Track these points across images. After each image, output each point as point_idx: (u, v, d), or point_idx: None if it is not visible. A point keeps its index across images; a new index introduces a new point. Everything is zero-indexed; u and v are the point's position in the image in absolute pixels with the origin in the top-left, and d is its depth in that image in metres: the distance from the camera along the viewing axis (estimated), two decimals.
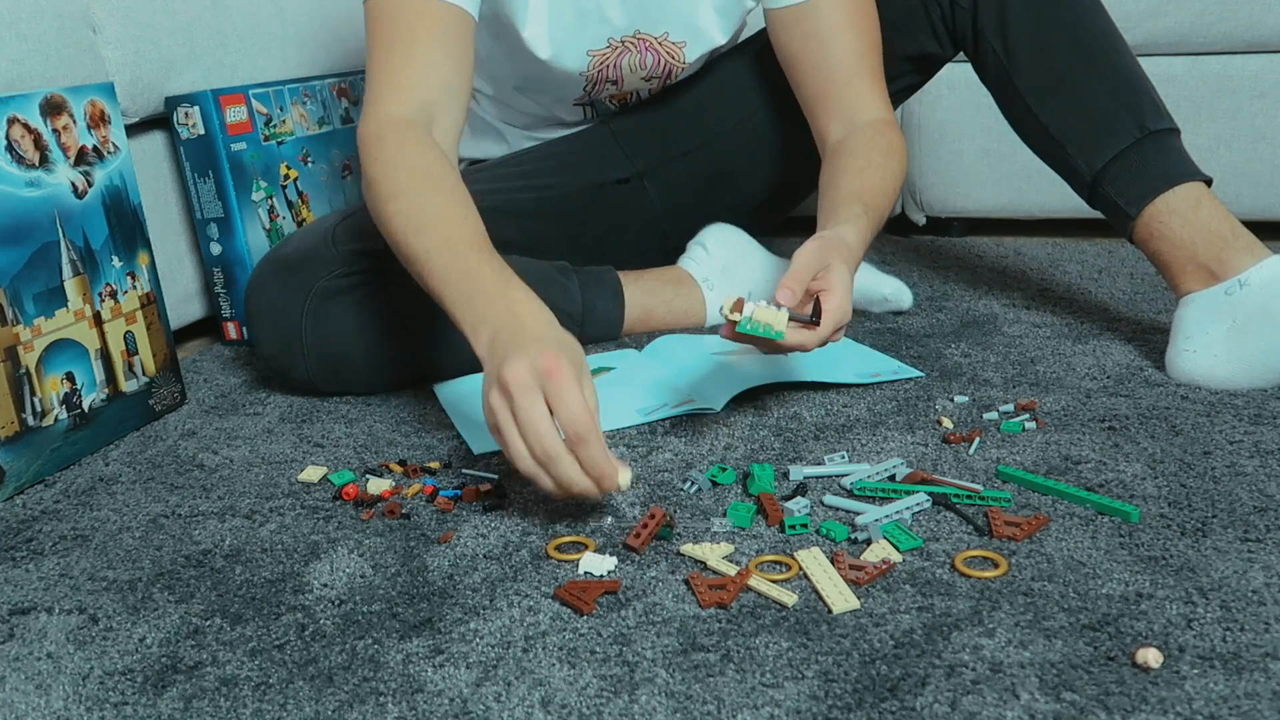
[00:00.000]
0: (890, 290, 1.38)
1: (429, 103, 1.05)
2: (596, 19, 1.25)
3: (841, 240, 1.03)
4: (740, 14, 1.32)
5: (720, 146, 1.39)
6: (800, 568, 0.79)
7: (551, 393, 0.81)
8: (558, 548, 0.85)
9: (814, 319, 0.96)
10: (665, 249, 1.44)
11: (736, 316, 0.93)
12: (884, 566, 0.78)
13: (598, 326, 1.30)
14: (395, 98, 1.05)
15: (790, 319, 0.95)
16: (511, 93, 1.36)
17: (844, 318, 0.98)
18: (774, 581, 0.78)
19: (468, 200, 1.00)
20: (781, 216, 1.55)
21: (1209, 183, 1.12)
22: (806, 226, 1.93)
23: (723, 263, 1.36)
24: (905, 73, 1.34)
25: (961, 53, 1.29)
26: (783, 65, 1.28)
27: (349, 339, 1.16)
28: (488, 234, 0.97)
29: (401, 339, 1.18)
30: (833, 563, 0.79)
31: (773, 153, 1.40)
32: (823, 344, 0.98)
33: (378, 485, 0.97)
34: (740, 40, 1.48)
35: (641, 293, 1.32)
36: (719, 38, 1.33)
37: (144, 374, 1.17)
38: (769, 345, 0.97)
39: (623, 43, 1.29)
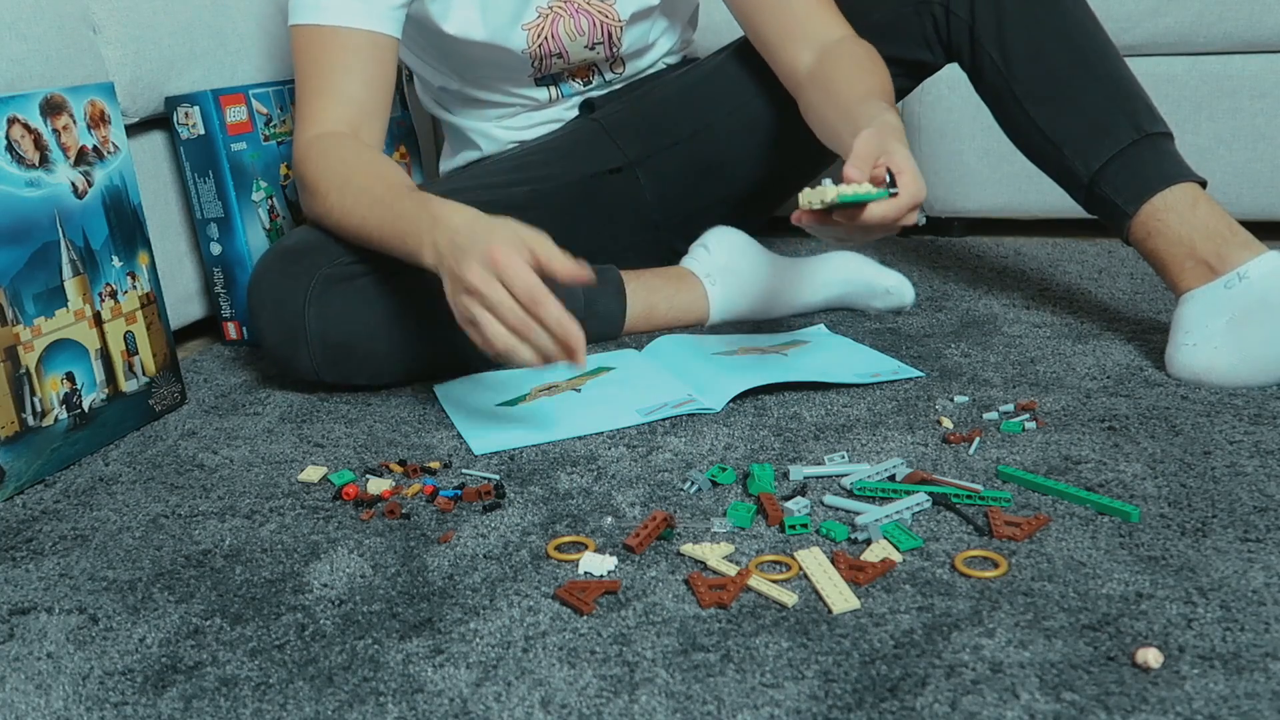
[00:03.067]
0: (892, 283, 1.38)
1: (348, 120, 1.20)
2: None
3: (892, 125, 1.04)
4: None
5: (710, 136, 1.40)
6: (800, 568, 0.79)
7: (505, 277, 0.94)
8: (558, 548, 0.85)
9: (892, 190, 0.97)
10: (658, 240, 1.44)
11: (823, 194, 0.94)
12: (884, 566, 0.78)
13: (601, 324, 1.30)
14: (316, 122, 1.19)
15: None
16: (473, 80, 1.39)
17: (920, 192, 0.98)
18: (774, 581, 0.78)
19: (386, 164, 1.15)
20: (773, 209, 1.55)
21: (1204, 185, 1.13)
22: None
23: (725, 261, 1.36)
24: (894, 75, 1.34)
25: (955, 64, 1.30)
26: (738, 13, 1.30)
27: (352, 326, 1.15)
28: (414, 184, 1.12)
29: (405, 327, 1.18)
30: (833, 563, 0.79)
31: (763, 144, 1.40)
32: (900, 218, 0.97)
33: (378, 485, 0.97)
34: (696, 17, 1.50)
35: (644, 290, 1.33)
36: None
37: (144, 374, 1.17)
38: (852, 224, 0.97)
39: (551, 9, 1.32)
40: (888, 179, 0.98)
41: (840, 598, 0.75)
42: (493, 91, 1.39)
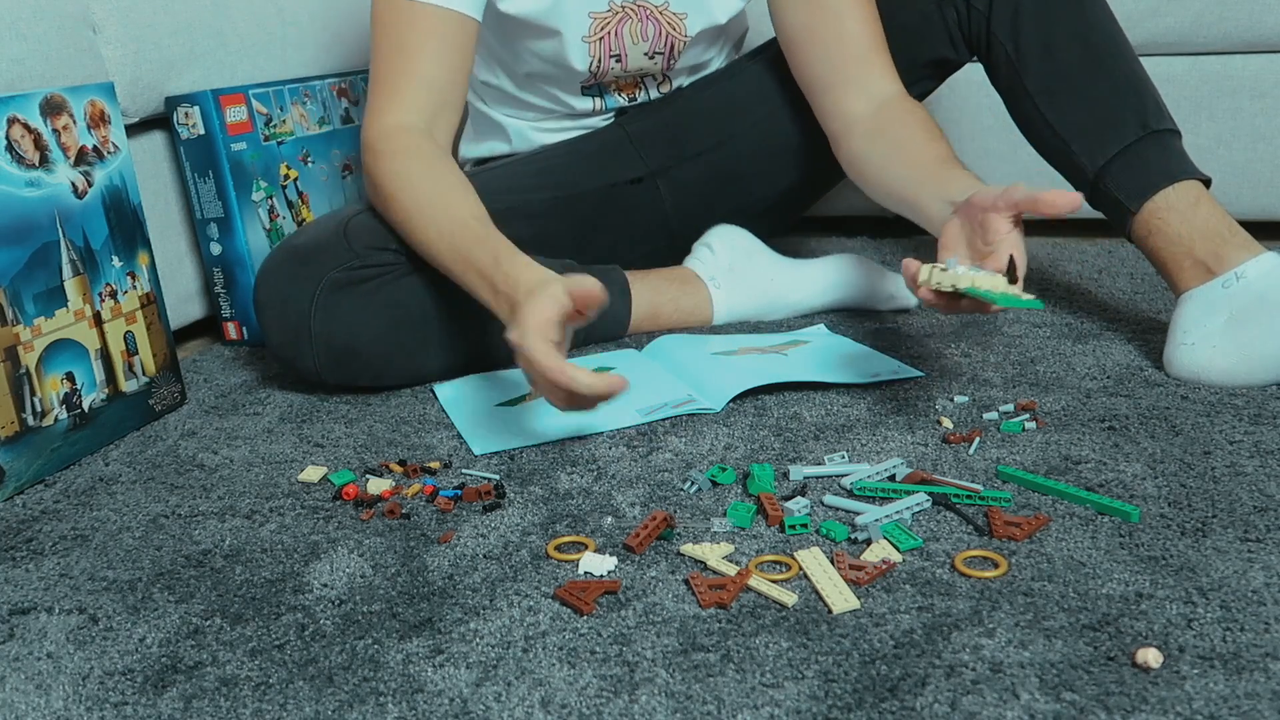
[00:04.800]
0: (895, 287, 1.38)
1: (426, 108, 1.17)
2: None
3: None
4: None
5: (733, 149, 1.40)
6: (800, 568, 0.79)
7: (532, 373, 0.94)
8: (558, 548, 0.85)
9: (1011, 278, 0.95)
10: (672, 249, 1.44)
11: (955, 279, 0.92)
12: (884, 566, 0.78)
13: (605, 325, 1.31)
14: (395, 107, 1.16)
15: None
16: (523, 81, 1.37)
17: (1024, 269, 0.98)
18: (774, 581, 0.78)
19: (463, 188, 1.12)
20: (791, 221, 1.55)
21: (1208, 183, 1.13)
22: (813, 227, 1.93)
23: (729, 262, 1.36)
24: (922, 78, 1.35)
25: (975, 58, 1.30)
26: (789, 45, 1.29)
27: (357, 331, 1.16)
28: (486, 213, 1.09)
29: (409, 334, 1.18)
30: (833, 563, 0.79)
31: (785, 157, 1.41)
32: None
33: (378, 485, 0.97)
34: (744, 42, 1.49)
35: (649, 291, 1.33)
36: (719, 16, 1.35)
37: (144, 374, 1.17)
38: (975, 305, 0.96)
39: (623, 8, 1.31)
40: (1006, 270, 0.94)
41: (840, 598, 0.75)
42: (539, 96, 1.38)
